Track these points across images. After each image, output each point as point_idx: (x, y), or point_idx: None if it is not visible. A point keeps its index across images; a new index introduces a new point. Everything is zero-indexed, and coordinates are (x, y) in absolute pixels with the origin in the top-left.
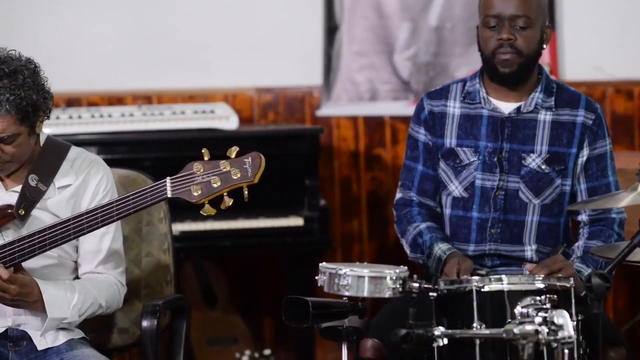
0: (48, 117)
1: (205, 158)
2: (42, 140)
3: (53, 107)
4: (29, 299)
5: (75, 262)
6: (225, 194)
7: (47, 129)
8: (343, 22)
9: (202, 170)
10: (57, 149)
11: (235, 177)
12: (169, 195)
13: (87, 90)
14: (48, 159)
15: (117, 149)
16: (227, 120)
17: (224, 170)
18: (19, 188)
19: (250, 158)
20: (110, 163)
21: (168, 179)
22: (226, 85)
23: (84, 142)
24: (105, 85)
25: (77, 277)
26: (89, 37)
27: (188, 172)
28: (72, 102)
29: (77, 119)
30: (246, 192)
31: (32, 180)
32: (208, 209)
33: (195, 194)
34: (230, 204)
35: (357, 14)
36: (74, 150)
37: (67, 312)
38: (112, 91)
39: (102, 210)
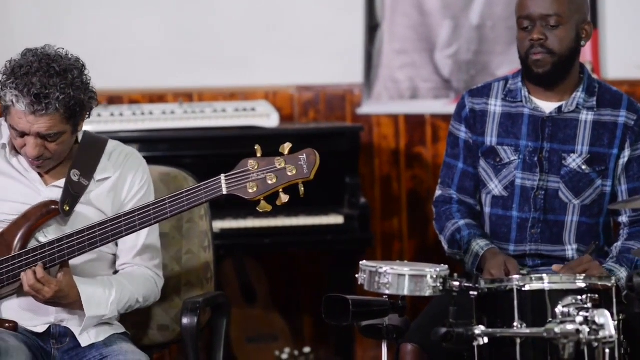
0: (89, 116)
1: (258, 154)
2: (79, 136)
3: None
4: (64, 301)
5: (114, 255)
6: (280, 190)
7: (89, 126)
8: (384, 20)
9: (256, 167)
10: (95, 144)
11: (290, 174)
12: (225, 192)
13: (129, 87)
14: (88, 154)
15: (158, 147)
16: (267, 118)
17: (279, 167)
18: (59, 183)
19: (305, 155)
20: (151, 160)
21: (222, 176)
22: (267, 83)
23: (125, 139)
24: (146, 82)
25: (115, 270)
26: (131, 35)
27: (243, 169)
28: (114, 99)
29: (119, 116)
30: (302, 189)
31: (74, 176)
32: (264, 206)
33: (251, 190)
34: (286, 200)
35: (399, 11)
36: (111, 144)
37: (105, 309)
38: (154, 89)
39: (154, 207)
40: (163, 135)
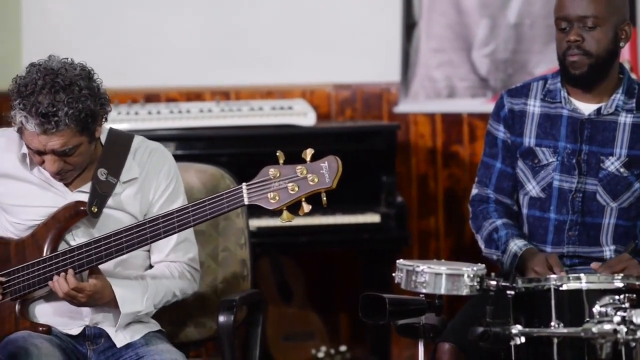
0: (106, 120)
1: (280, 161)
2: (104, 135)
3: (116, 106)
4: (99, 302)
5: (148, 251)
6: (303, 199)
7: (126, 125)
8: (421, 19)
9: (278, 176)
10: (121, 141)
11: (312, 183)
12: (246, 202)
13: (166, 85)
14: (114, 153)
15: (195, 145)
16: (304, 116)
17: (301, 176)
18: (85, 188)
19: (327, 162)
20: (188, 158)
21: (244, 185)
22: (304, 82)
23: (162, 137)
24: (183, 81)
25: (150, 266)
26: (168, 34)
27: (264, 178)
28: (151, 97)
29: (156, 114)
30: (324, 198)
31: (102, 175)
32: (286, 216)
33: (272, 201)
34: (309, 210)
35: (436, 10)
36: (136, 140)
37: (140, 305)
38: (191, 87)
39: (178, 215)
40: (200, 133)
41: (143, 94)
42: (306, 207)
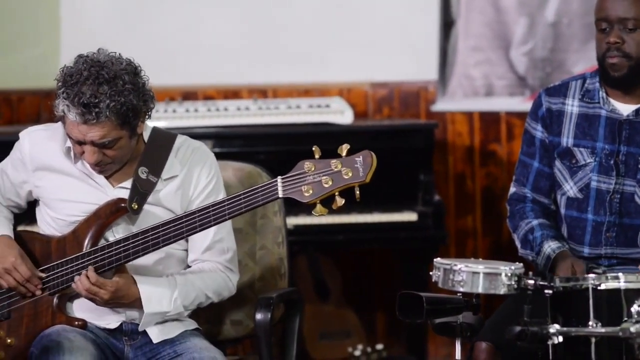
0: (149, 117)
1: (316, 156)
2: (147, 133)
3: (160, 103)
4: (123, 301)
5: (185, 250)
6: (336, 193)
7: (164, 122)
8: (459, 17)
9: (313, 170)
10: (163, 140)
11: (346, 177)
12: (280, 195)
13: (204, 83)
14: (156, 151)
15: (232, 143)
16: (342, 114)
17: (335, 169)
18: (126, 184)
19: (361, 157)
20: (226, 156)
21: (279, 179)
22: (341, 80)
23: (200, 135)
24: (221, 79)
25: (187, 266)
26: (206, 32)
27: (299, 171)
28: (189, 95)
29: (194, 112)
30: (358, 192)
31: (142, 173)
32: (320, 209)
33: (306, 194)
34: (342, 204)
35: (474, 8)
36: (179, 139)
37: (168, 306)
38: (228, 85)
39: (213, 208)
40: (237, 131)
41: (181, 92)
42: (340, 201)
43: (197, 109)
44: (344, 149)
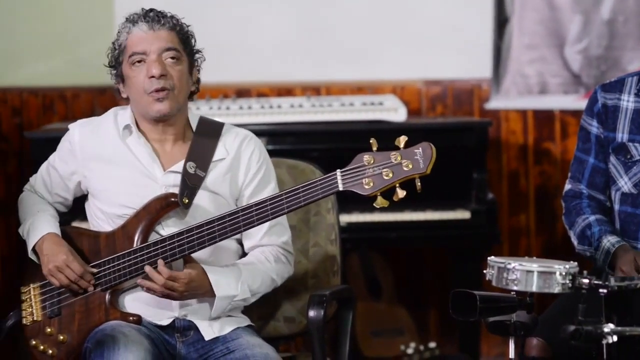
0: (197, 87)
1: (374, 148)
2: (194, 121)
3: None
4: (199, 291)
5: (238, 240)
6: (397, 185)
7: (217, 119)
8: (514, 15)
9: (372, 162)
10: (210, 130)
11: (406, 169)
12: (340, 188)
13: (257, 81)
14: (203, 144)
15: (285, 140)
16: (395, 112)
17: (395, 162)
18: (176, 167)
19: (420, 149)
20: (279, 153)
21: (338, 172)
22: (395, 77)
23: (253, 132)
24: (275, 76)
25: (243, 256)
26: (259, 29)
27: (358, 164)
28: (242, 92)
29: (247, 109)
30: (419, 184)
31: (190, 168)
32: (381, 202)
33: (367, 186)
34: (403, 195)
35: (528, 6)
36: (225, 127)
37: (235, 289)
38: (282, 82)
39: (271, 202)
40: (291, 128)
41: (234, 89)
42: (400, 193)
43: (251, 106)
44: (402, 140)
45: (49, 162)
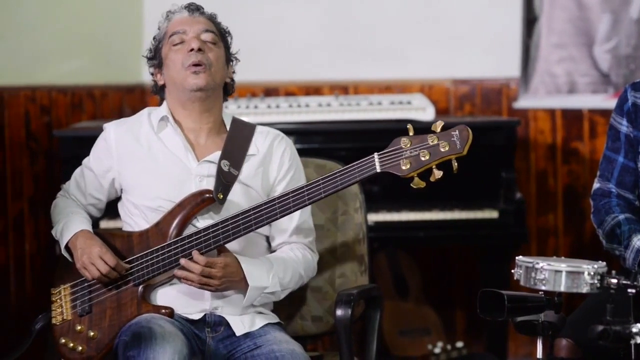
0: (235, 63)
1: (410, 133)
2: (228, 120)
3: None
4: (234, 278)
5: (266, 236)
6: (434, 166)
7: (245, 118)
8: (542, 14)
9: (409, 145)
10: (243, 130)
11: (443, 150)
12: (378, 170)
13: (285, 80)
14: (237, 142)
15: (313, 139)
16: (423, 111)
17: (432, 143)
18: (211, 157)
19: (457, 131)
20: (307, 152)
21: (376, 155)
22: (423, 76)
23: (281, 131)
24: (303, 75)
25: (272, 251)
26: (288, 28)
27: (395, 147)
28: (270, 91)
29: (275, 108)
30: (455, 164)
31: (224, 166)
32: (417, 182)
33: (404, 167)
34: (440, 176)
35: (557, 5)
36: (258, 128)
37: (267, 281)
38: (310, 81)
39: (308, 188)
40: (319, 127)
41: (262, 87)
42: (437, 173)
43: (279, 105)
44: (438, 125)
45: (83, 164)
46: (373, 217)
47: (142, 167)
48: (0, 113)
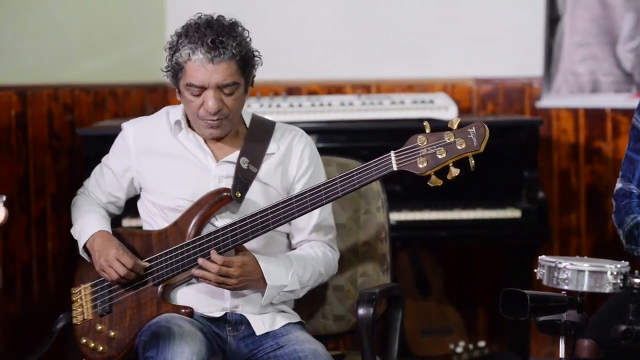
0: (255, 74)
1: (427, 131)
2: (247, 118)
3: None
4: (252, 277)
5: (287, 234)
6: (451, 164)
7: (268, 117)
8: (565, 13)
9: (426, 143)
10: (263, 128)
11: (460, 147)
12: (395, 168)
13: (308, 79)
14: (256, 141)
15: (335, 138)
16: (446, 110)
17: (449, 141)
18: (230, 158)
19: (474, 128)
20: (329, 151)
21: (392, 153)
22: (445, 76)
23: (304, 130)
24: (325, 74)
25: (292, 249)
26: (310, 27)
27: (412, 145)
28: (292, 90)
29: (298, 107)
30: (472, 162)
31: (244, 164)
32: (435, 180)
33: (421, 165)
34: (457, 174)
35: (580, 4)
36: (277, 125)
37: (286, 279)
38: (332, 80)
39: (325, 187)
40: (341, 126)
41: (285, 86)
42: (454, 171)
43: (301, 104)
44: (455, 122)
45: (102, 162)
46: (395, 216)
47: (161, 167)
48: (23, 112)
